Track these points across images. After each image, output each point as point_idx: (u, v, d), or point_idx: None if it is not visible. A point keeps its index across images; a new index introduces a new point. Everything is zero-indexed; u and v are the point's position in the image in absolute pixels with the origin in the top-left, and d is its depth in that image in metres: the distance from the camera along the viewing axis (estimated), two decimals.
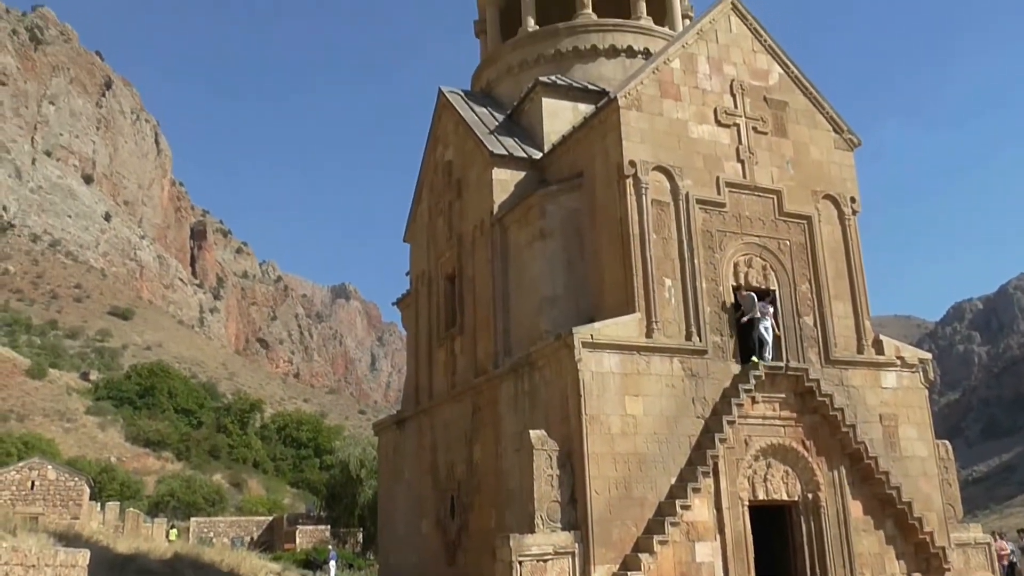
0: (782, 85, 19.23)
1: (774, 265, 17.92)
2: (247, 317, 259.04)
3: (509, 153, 19.46)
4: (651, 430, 15.69)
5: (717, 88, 18.49)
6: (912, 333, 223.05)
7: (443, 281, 21.68)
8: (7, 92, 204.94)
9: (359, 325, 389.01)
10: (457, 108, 21.38)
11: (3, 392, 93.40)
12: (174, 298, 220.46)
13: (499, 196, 19.11)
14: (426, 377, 22.11)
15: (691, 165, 17.61)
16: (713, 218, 17.53)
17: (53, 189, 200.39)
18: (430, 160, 23.09)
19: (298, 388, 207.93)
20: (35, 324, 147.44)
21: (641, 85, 17.68)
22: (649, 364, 16.08)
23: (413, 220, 23.92)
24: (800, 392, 16.88)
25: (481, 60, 24.05)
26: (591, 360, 15.53)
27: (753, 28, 19.31)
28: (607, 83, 20.49)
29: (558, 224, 17.92)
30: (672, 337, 16.45)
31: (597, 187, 17.79)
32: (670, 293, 16.72)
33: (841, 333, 18.09)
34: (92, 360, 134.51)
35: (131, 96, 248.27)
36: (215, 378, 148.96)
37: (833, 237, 18.67)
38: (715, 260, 17.31)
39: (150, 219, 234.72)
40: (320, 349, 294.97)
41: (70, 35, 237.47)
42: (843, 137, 19.53)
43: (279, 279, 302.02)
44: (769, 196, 18.20)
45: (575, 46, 21.54)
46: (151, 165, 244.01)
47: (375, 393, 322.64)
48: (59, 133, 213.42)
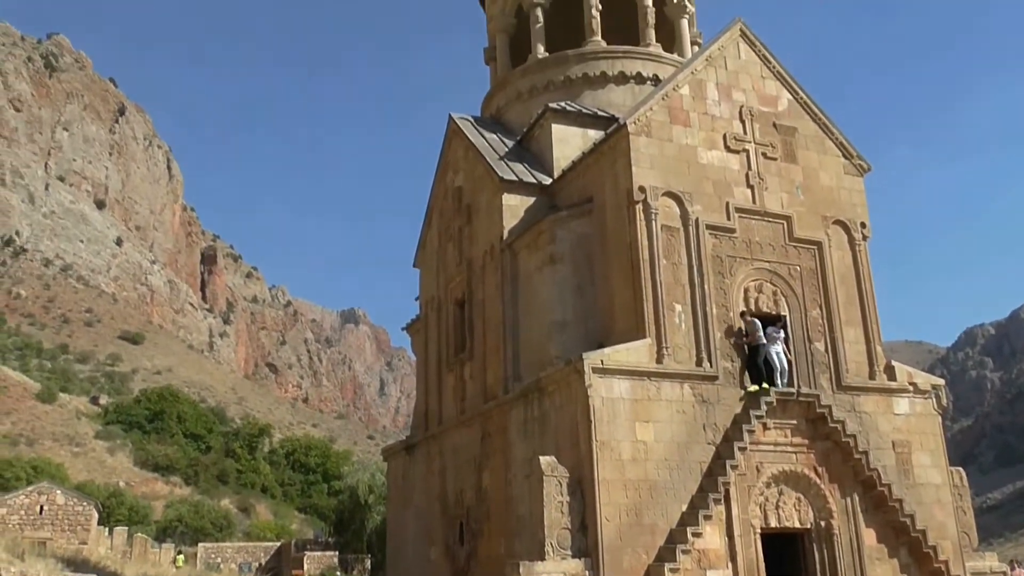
0: (791, 111, 19.29)
1: (784, 291, 17.88)
2: (256, 342, 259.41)
3: (519, 179, 19.53)
4: (662, 456, 15.60)
5: (726, 114, 18.55)
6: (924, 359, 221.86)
7: (453, 306, 21.69)
8: (22, 118, 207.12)
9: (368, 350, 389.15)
10: (467, 134, 21.49)
11: (13, 416, 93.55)
12: (184, 323, 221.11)
13: (509, 221, 19.15)
14: (435, 402, 22.07)
15: (701, 191, 17.64)
16: (723, 243, 17.52)
17: (66, 214, 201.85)
18: (440, 186, 23.18)
19: (307, 413, 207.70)
20: (46, 348, 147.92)
21: (650, 111, 17.76)
22: (660, 390, 16.02)
23: (423, 245, 23.98)
24: (812, 418, 16.78)
25: (491, 86, 24.21)
26: (601, 386, 15.48)
27: (762, 54, 19.40)
28: (616, 109, 20.59)
29: (568, 249, 17.94)
30: (682, 363, 16.39)
31: (607, 212, 17.82)
32: (680, 319, 16.68)
33: (853, 359, 17.99)
34: (102, 384, 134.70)
35: (144, 122, 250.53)
36: (224, 403, 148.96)
37: (843, 262, 18.63)
38: (725, 285, 17.28)
39: (161, 244, 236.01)
40: (329, 374, 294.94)
41: (84, 62, 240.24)
42: (853, 163, 19.54)
43: (288, 304, 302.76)
44: (779, 221, 18.20)
45: (584, 73, 21.66)
46: (163, 190, 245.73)
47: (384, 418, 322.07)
48: (72, 159, 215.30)
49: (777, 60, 19.50)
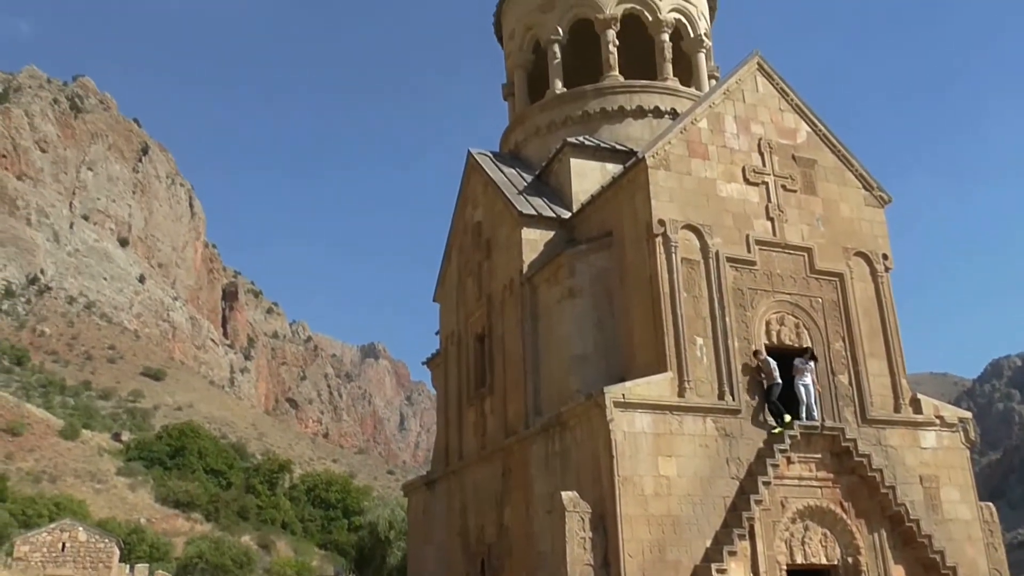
0: (810, 143, 19.28)
1: (807, 323, 17.75)
2: (277, 377, 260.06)
3: (538, 213, 19.59)
4: (685, 491, 15.42)
5: (745, 147, 18.57)
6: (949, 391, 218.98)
7: (473, 341, 21.67)
8: (47, 159, 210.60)
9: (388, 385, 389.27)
10: (486, 169, 21.62)
11: (36, 453, 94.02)
12: (205, 359, 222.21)
13: (528, 256, 19.18)
14: (456, 437, 21.98)
15: (720, 223, 17.62)
16: (744, 276, 17.46)
17: (89, 252, 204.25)
18: (459, 221, 23.29)
19: (327, 448, 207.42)
20: (69, 385, 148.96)
21: (669, 145, 17.81)
22: (682, 424, 15.89)
23: (443, 280, 24.04)
24: (837, 452, 16.56)
25: (509, 122, 24.38)
26: (623, 420, 15.37)
27: (780, 87, 19.45)
28: (635, 143, 20.66)
29: (587, 283, 17.93)
30: (705, 396, 16.27)
31: (626, 246, 17.82)
32: (702, 352, 16.58)
33: (877, 392, 17.79)
34: (124, 421, 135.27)
35: (166, 161, 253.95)
36: (245, 438, 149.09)
37: (866, 294, 18.50)
38: (747, 318, 17.19)
39: (183, 281, 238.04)
40: (349, 409, 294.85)
41: (109, 103, 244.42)
42: (873, 194, 19.47)
43: (309, 339, 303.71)
44: (800, 253, 18.12)
45: (602, 107, 21.78)
46: (185, 228, 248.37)
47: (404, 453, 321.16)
48: (96, 197, 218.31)
49: (795, 92, 19.54)
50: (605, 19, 22.35)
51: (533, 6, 23.53)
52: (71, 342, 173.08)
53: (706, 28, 23.99)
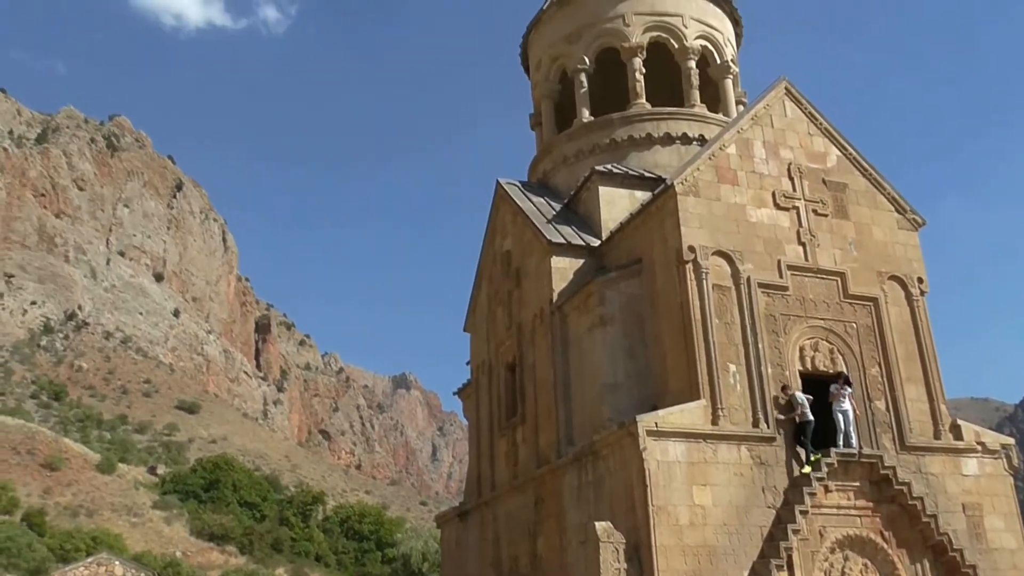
0: (840, 167, 19.15)
1: (841, 348, 17.52)
2: (310, 409, 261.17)
3: (567, 241, 19.59)
4: (720, 521, 15.20)
5: (774, 172, 18.48)
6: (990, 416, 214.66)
7: (503, 370, 21.62)
8: (85, 197, 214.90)
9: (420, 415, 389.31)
10: (514, 198, 21.69)
11: (74, 487, 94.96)
12: (239, 391, 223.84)
13: (558, 284, 19.15)
14: (488, 468, 21.87)
15: (751, 249, 17.50)
16: (776, 302, 17.30)
17: (125, 287, 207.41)
18: (489, 250, 23.34)
19: (360, 480, 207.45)
20: (106, 419, 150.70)
21: (698, 171, 17.77)
22: (716, 452, 15.69)
23: (473, 310, 24.07)
24: (875, 480, 16.24)
25: (537, 151, 24.48)
26: (656, 449, 15.22)
27: (808, 112, 19.38)
28: (663, 170, 20.64)
29: (618, 311, 17.85)
30: (739, 424, 16.07)
31: (657, 273, 17.74)
32: (735, 379, 16.41)
33: (915, 418, 17.47)
34: (159, 454, 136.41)
35: (200, 197, 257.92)
36: (278, 470, 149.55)
37: (901, 319, 18.24)
38: (780, 344, 17.00)
39: (217, 314, 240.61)
40: (381, 440, 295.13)
41: (144, 141, 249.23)
42: (907, 217, 19.26)
43: (341, 370, 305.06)
44: (833, 278, 17.93)
45: (630, 135, 21.81)
46: (218, 262, 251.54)
47: (436, 484, 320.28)
48: (132, 234, 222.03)
49: (824, 117, 19.45)
50: (631, 47, 22.44)
51: (559, 36, 23.69)
52: (108, 376, 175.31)
53: (733, 54, 24.00)
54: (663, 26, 22.65)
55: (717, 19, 23.58)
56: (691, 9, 22.99)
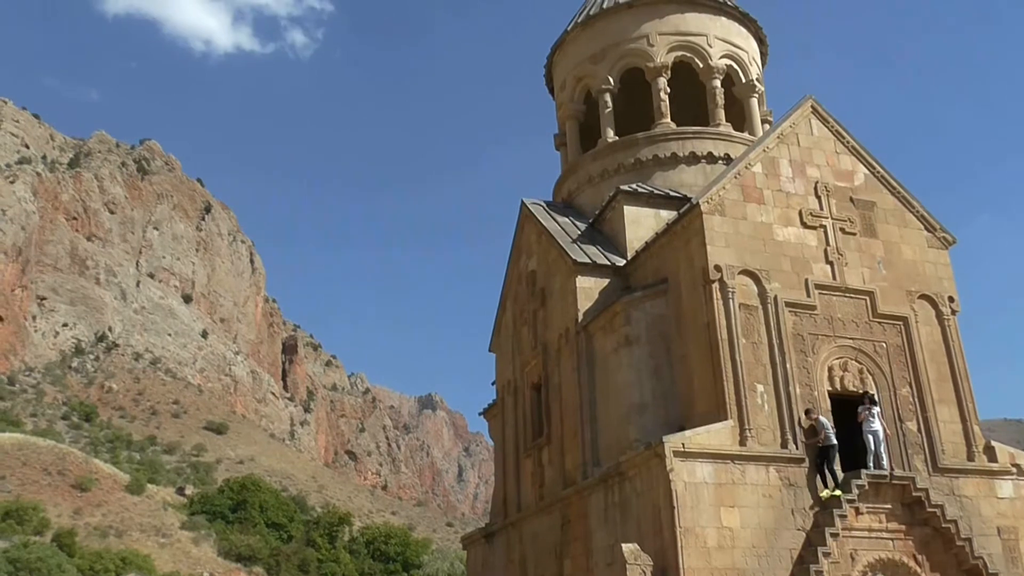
0: (868, 185, 19.00)
1: (871, 368, 17.31)
2: (336, 429, 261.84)
3: (592, 261, 19.56)
4: (749, 543, 15.00)
5: (801, 190, 18.38)
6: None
7: (529, 390, 21.57)
8: (116, 220, 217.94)
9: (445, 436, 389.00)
10: (539, 218, 21.71)
11: (103, 508, 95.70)
12: (266, 412, 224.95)
13: (583, 304, 19.11)
14: (514, 488, 21.78)
15: (778, 268, 17.38)
16: (804, 321, 17.14)
17: (155, 309, 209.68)
18: (514, 270, 23.36)
19: (386, 500, 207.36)
20: (135, 440, 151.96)
21: (723, 190, 17.71)
22: (744, 473, 15.52)
23: (498, 330, 24.06)
24: (908, 502, 15.96)
25: (562, 171, 24.52)
26: (683, 470, 15.08)
27: (835, 130, 19.27)
28: (688, 189, 20.59)
29: (644, 330, 17.77)
30: (767, 445, 15.90)
31: (683, 292, 17.66)
32: (762, 399, 16.25)
33: (948, 439, 17.19)
34: (188, 475, 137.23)
35: (228, 219, 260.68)
36: (305, 491, 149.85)
37: (932, 338, 18.00)
38: (808, 364, 16.83)
39: (244, 335, 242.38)
40: (408, 461, 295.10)
41: (174, 164, 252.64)
42: (936, 235, 19.05)
43: (367, 391, 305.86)
44: (861, 297, 17.76)
45: (655, 154, 21.80)
46: (246, 283, 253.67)
47: (462, 505, 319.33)
48: (162, 256, 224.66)
49: (851, 135, 19.34)
50: (655, 67, 22.48)
51: (583, 57, 23.77)
52: (137, 397, 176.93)
53: (758, 73, 23.96)
54: (688, 46, 22.68)
55: (742, 38, 23.58)
56: (716, 28, 23.01)
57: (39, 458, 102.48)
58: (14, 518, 79.29)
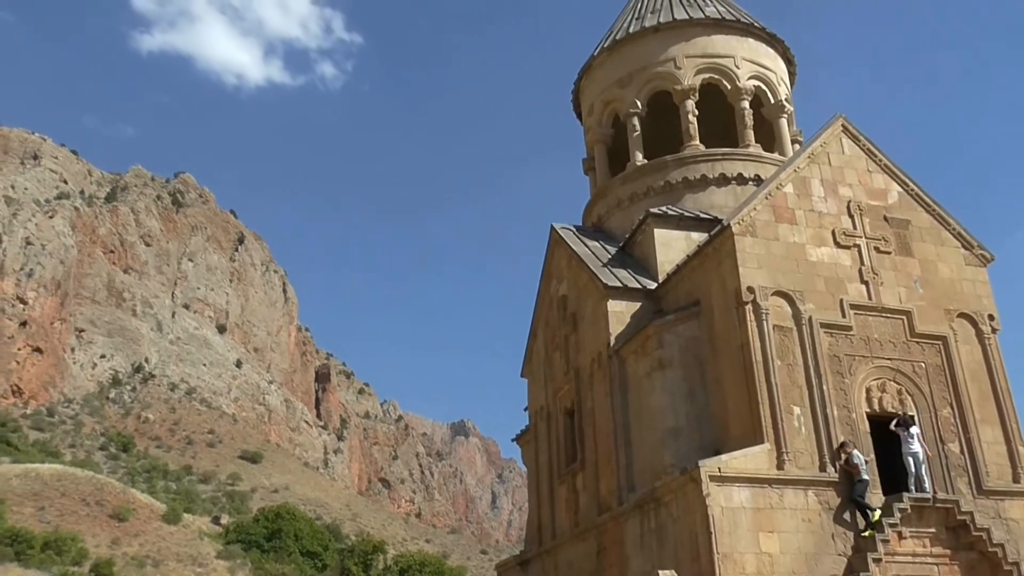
0: (902, 203, 18.79)
1: (910, 389, 17.01)
2: (369, 457, 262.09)
3: (623, 285, 19.48)
4: (789, 569, 14.72)
5: (834, 210, 18.20)
6: None
7: (562, 416, 21.45)
8: (152, 252, 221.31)
9: (479, 462, 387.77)
10: (569, 243, 21.69)
11: (141, 537, 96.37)
12: (300, 440, 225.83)
13: (615, 328, 19.01)
14: (548, 515, 21.60)
15: (812, 288, 17.19)
16: (840, 342, 16.91)
17: (190, 339, 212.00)
18: (544, 295, 23.32)
19: (420, 528, 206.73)
20: (171, 470, 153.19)
21: (754, 211, 17.59)
22: (782, 498, 15.27)
23: (530, 355, 23.99)
24: (952, 526, 15.60)
25: (591, 196, 24.52)
26: (720, 495, 14.86)
27: (867, 148, 19.10)
28: (719, 211, 20.48)
29: (677, 354, 17.62)
30: (805, 468, 15.64)
31: (715, 315, 17.51)
32: (799, 422, 16.02)
33: (992, 460, 16.81)
34: (223, 504, 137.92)
35: (261, 249, 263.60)
36: (339, 519, 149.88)
37: (973, 358, 17.67)
38: (845, 386, 16.57)
39: (278, 364, 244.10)
40: (441, 488, 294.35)
41: (207, 197, 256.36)
42: (974, 253, 18.76)
43: (400, 418, 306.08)
44: (898, 317, 17.49)
45: (684, 177, 21.73)
46: (279, 313, 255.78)
47: (497, 532, 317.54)
48: (196, 287, 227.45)
49: (883, 153, 19.16)
50: (683, 90, 22.46)
51: (611, 81, 23.83)
52: (173, 427, 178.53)
53: (787, 93, 23.86)
54: (715, 67, 22.66)
55: (770, 59, 23.52)
56: (743, 50, 22.98)
57: (77, 488, 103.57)
58: (53, 548, 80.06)
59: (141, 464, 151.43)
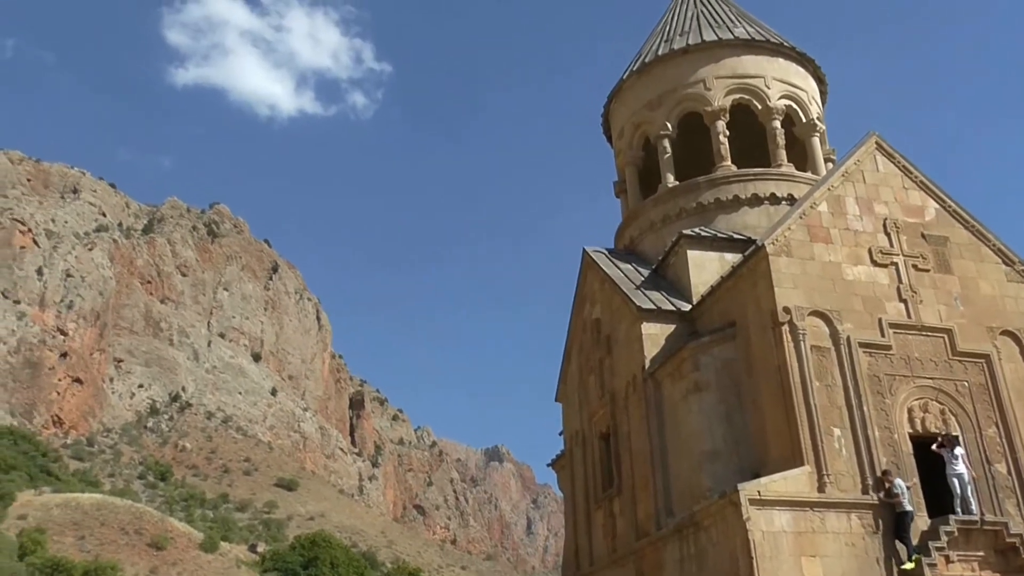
0: (940, 220, 18.53)
1: (953, 409, 16.67)
2: (404, 484, 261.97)
3: (657, 307, 19.36)
4: None
5: (870, 228, 17.99)
6: None
7: (597, 440, 21.28)
8: (188, 282, 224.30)
9: (513, 488, 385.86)
10: (602, 266, 21.62)
11: (179, 566, 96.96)
12: (335, 467, 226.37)
13: (650, 351, 18.87)
14: (585, 540, 21.38)
15: (849, 308, 16.96)
16: (879, 361, 16.64)
17: (226, 368, 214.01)
18: (578, 319, 23.24)
19: (455, 555, 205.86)
20: (208, 498, 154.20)
21: (789, 231, 17.44)
22: (824, 521, 14.99)
23: (564, 379, 23.88)
24: (1001, 549, 15.20)
25: (623, 218, 24.46)
26: (760, 519, 14.63)
27: (902, 165, 18.90)
28: (752, 231, 20.34)
29: (713, 376, 17.44)
30: (847, 491, 15.36)
31: (751, 336, 17.32)
32: (840, 443, 15.75)
33: None
34: (260, 532, 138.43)
35: (295, 278, 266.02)
36: (375, 547, 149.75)
37: (1018, 375, 17.30)
38: (886, 406, 16.29)
39: (312, 392, 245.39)
40: (476, 514, 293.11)
41: (242, 227, 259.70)
42: (1016, 269, 18.43)
43: (433, 444, 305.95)
44: (939, 335, 17.19)
45: (716, 197, 21.62)
46: (313, 340, 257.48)
47: (532, 558, 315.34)
48: (232, 316, 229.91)
49: (919, 170, 18.94)
50: (714, 111, 22.40)
51: (640, 104, 23.83)
52: (210, 456, 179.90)
53: (818, 112, 23.71)
54: (746, 88, 22.59)
55: (800, 78, 23.40)
56: (773, 70, 22.90)
57: (117, 517, 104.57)
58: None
59: (178, 492, 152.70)
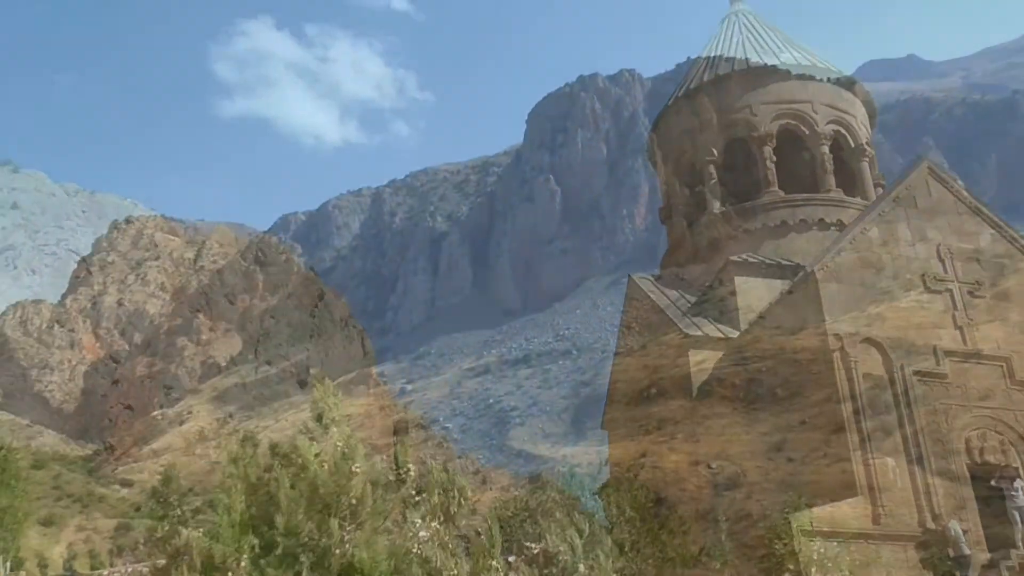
0: (995, 246, 18.12)
1: (1013, 439, 16.20)
2: None
3: (705, 334, 19.15)
4: None
5: (922, 254, 17.66)
6: None
7: None
8: (235, 310, 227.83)
9: None
10: (648, 293, 21.48)
11: None
12: None
13: (698, 378, 18.65)
14: None
15: (903, 335, 16.63)
16: (935, 390, 16.26)
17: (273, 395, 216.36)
18: (624, 346, 23.04)
19: None
20: None
21: (839, 256, 17.20)
22: (879, 553, 14.61)
23: (610, 406, 23.65)
24: None
25: (669, 245, 24.31)
26: (812, 551, 14.28)
27: (955, 191, 18.56)
28: (800, 257, 20.06)
29: (763, 403, 17.16)
30: (903, 523, 14.96)
31: (802, 364, 17.03)
32: (895, 474, 15.38)
33: None
34: None
35: (340, 306, 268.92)
36: None
37: None
38: (942, 436, 15.88)
39: None
40: None
41: (289, 255, 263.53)
42: None
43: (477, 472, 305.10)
44: (997, 364, 16.78)
45: (764, 223, 21.40)
46: (357, 367, 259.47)
47: None
48: (278, 343, 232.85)
49: (972, 195, 18.58)
50: (760, 136, 22.23)
51: (686, 129, 23.74)
52: None
53: (867, 137, 23.42)
54: (792, 113, 22.40)
55: (848, 103, 23.15)
56: (821, 95, 22.69)
57: None
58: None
59: None
